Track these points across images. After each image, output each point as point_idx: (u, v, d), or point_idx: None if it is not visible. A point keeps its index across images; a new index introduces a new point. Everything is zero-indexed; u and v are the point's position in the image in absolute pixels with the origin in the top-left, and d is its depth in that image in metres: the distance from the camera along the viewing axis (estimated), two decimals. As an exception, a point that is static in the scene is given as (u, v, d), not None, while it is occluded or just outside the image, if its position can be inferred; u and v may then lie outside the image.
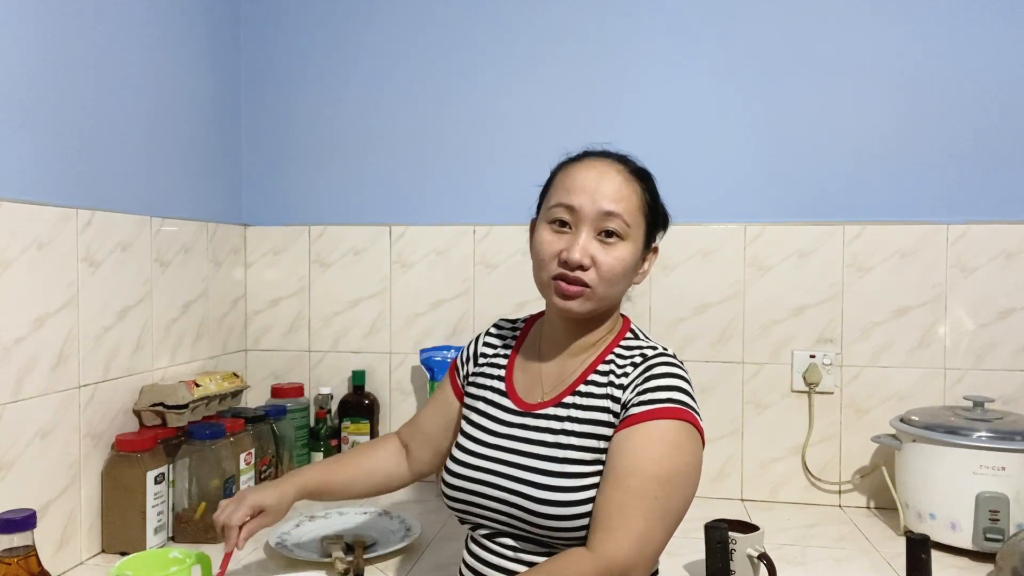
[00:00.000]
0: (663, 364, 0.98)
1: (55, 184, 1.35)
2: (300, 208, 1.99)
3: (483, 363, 1.15)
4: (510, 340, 1.15)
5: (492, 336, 1.18)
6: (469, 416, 1.10)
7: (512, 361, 1.12)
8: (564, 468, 0.97)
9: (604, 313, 1.05)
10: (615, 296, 1.03)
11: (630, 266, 1.01)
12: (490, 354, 1.15)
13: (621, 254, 0.99)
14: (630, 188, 1.00)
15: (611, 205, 0.98)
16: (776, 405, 1.78)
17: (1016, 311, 1.68)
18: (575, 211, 0.99)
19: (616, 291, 1.02)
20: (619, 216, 0.98)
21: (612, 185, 0.99)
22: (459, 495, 1.04)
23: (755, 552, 1.25)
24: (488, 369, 1.13)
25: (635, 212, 1.00)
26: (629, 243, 1.00)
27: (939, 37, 1.70)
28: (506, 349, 1.14)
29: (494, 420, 1.06)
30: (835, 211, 1.75)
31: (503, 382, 1.10)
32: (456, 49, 1.91)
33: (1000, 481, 1.39)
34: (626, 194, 0.99)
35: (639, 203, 1.01)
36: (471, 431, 1.08)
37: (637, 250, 1.01)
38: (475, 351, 1.18)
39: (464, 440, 1.07)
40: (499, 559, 1.01)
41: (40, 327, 1.29)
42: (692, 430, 0.95)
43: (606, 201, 0.98)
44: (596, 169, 1.01)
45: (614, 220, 0.98)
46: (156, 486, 1.44)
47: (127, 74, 1.54)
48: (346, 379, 1.96)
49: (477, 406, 1.10)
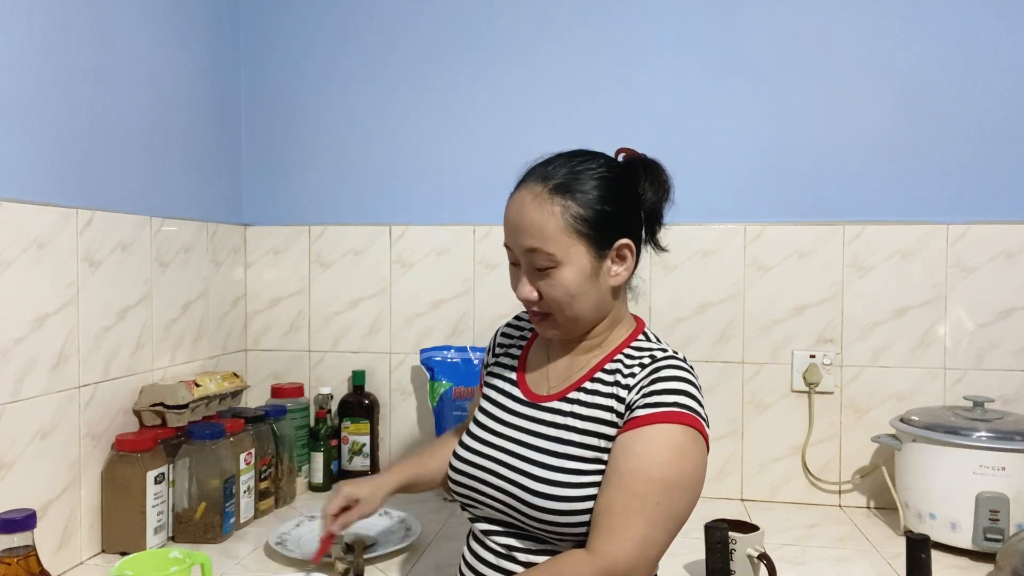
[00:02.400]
0: (671, 367, 0.98)
1: (55, 184, 1.35)
2: (300, 208, 1.99)
3: (500, 353, 1.17)
4: (527, 332, 1.17)
5: (511, 327, 1.20)
6: (482, 404, 1.12)
7: (526, 353, 1.13)
8: (562, 463, 0.97)
9: (591, 322, 1.03)
10: (584, 309, 1.00)
11: (579, 283, 0.97)
12: (507, 344, 1.17)
13: (560, 280, 0.97)
14: (546, 213, 0.96)
15: (529, 241, 0.97)
16: (776, 405, 1.78)
17: (1016, 311, 1.68)
18: (511, 250, 1.02)
19: (582, 306, 0.99)
20: (538, 250, 0.96)
21: (527, 216, 0.97)
22: (463, 480, 1.06)
23: (755, 552, 1.26)
24: (503, 359, 1.15)
25: (558, 236, 0.96)
26: (565, 267, 0.96)
27: (939, 37, 1.70)
28: (521, 341, 1.16)
29: (503, 409, 1.08)
30: (835, 211, 1.75)
31: (515, 372, 1.11)
32: (457, 49, 1.91)
33: (1000, 481, 1.39)
34: (540, 223, 0.96)
35: (561, 225, 0.96)
36: (481, 418, 1.09)
37: (583, 267, 0.97)
38: (493, 343, 1.20)
39: (474, 427, 1.09)
40: (498, 558, 1.01)
41: (40, 327, 1.29)
42: (698, 436, 0.94)
43: (525, 238, 0.97)
44: (517, 200, 1.00)
45: (536, 255, 0.97)
46: (156, 486, 1.44)
47: (127, 74, 1.54)
48: (346, 379, 1.96)
49: (490, 395, 1.12)
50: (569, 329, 1.03)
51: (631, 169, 1.04)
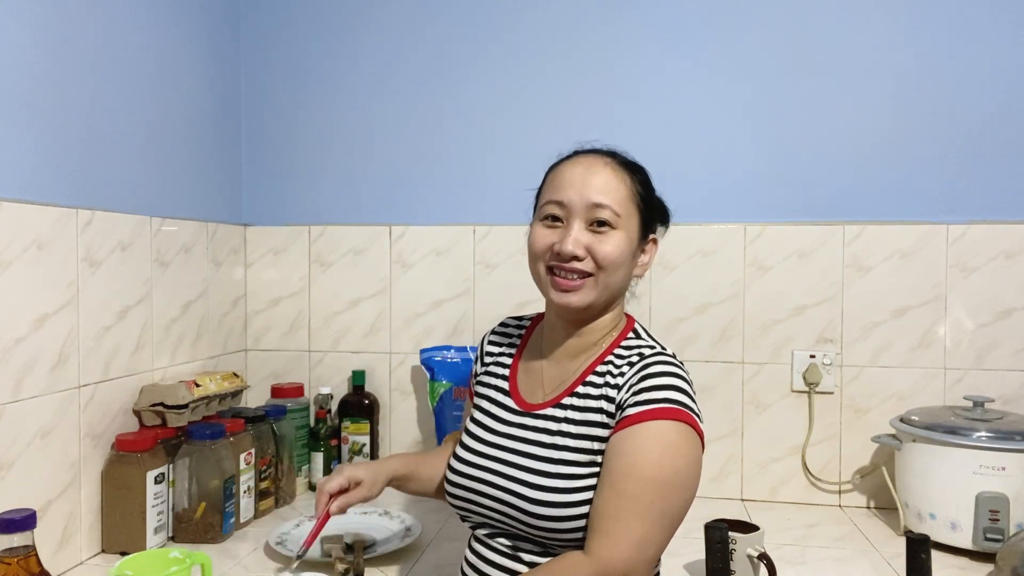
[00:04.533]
0: (660, 363, 0.97)
1: (55, 184, 1.35)
2: (300, 208, 1.99)
3: (489, 362, 1.16)
4: (515, 339, 1.16)
5: (497, 335, 1.19)
6: (475, 415, 1.11)
7: (516, 361, 1.13)
8: (559, 469, 0.97)
9: (604, 308, 1.04)
10: (615, 285, 1.02)
11: (627, 253, 1.01)
12: (496, 352, 1.17)
13: (616, 241, 0.99)
14: (619, 179, 1.01)
15: (599, 196, 0.99)
16: (776, 405, 1.78)
17: (1016, 311, 1.68)
18: (565, 206, 1.01)
19: (616, 280, 1.01)
20: (608, 206, 0.99)
21: (600, 178, 1.00)
22: (459, 492, 1.05)
23: (755, 552, 1.25)
24: (494, 368, 1.14)
25: (625, 202, 1.01)
26: (622, 232, 1.00)
27: (939, 37, 1.70)
28: (511, 348, 1.15)
29: (496, 419, 1.07)
30: (835, 211, 1.75)
31: (507, 381, 1.10)
32: (456, 48, 1.91)
33: (1000, 481, 1.39)
34: (614, 185, 1.00)
35: (628, 193, 1.01)
36: (474, 429, 1.09)
37: (632, 240, 1.02)
38: (481, 351, 1.20)
39: (467, 438, 1.08)
40: (501, 559, 1.02)
41: (40, 327, 1.29)
42: (690, 431, 0.94)
43: (594, 192, 0.99)
44: (583, 164, 1.02)
45: (604, 210, 0.99)
46: (156, 486, 1.44)
47: (127, 74, 1.54)
48: (346, 379, 1.96)
49: (482, 405, 1.11)
50: (597, 298, 1.01)
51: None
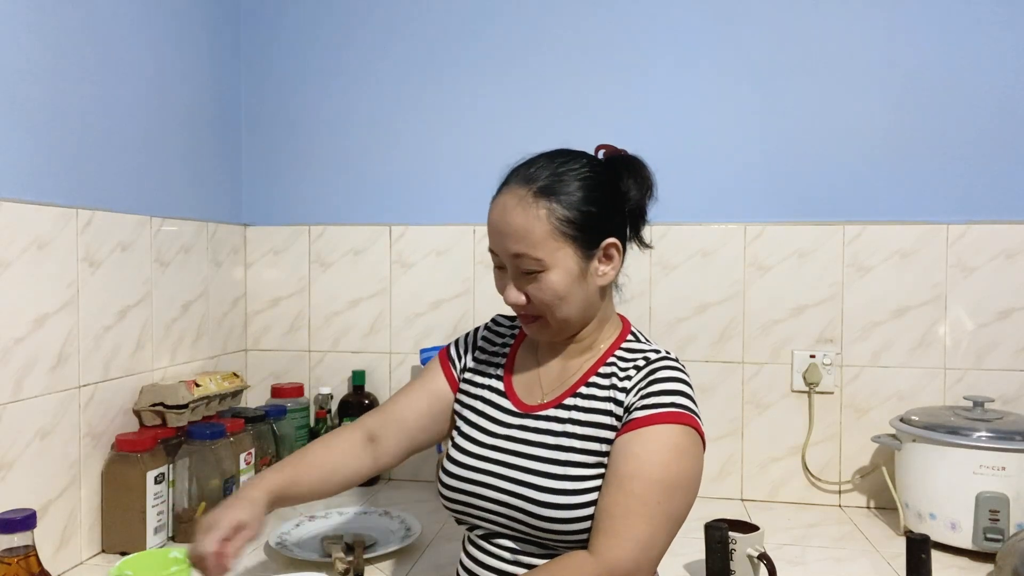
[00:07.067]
0: (666, 368, 0.99)
1: (55, 184, 1.35)
2: (300, 208, 1.99)
3: (482, 358, 1.14)
4: (509, 339, 1.15)
5: (491, 332, 1.17)
6: (466, 415, 1.09)
7: (511, 361, 1.11)
8: (566, 471, 0.97)
9: (581, 322, 1.03)
10: (574, 309, 1.00)
11: (567, 285, 0.97)
12: (489, 350, 1.15)
13: (548, 284, 0.97)
14: (532, 218, 0.95)
15: (515, 246, 0.96)
16: (776, 405, 1.78)
17: (1016, 311, 1.68)
18: (495, 254, 1.01)
19: (571, 307, 0.99)
20: (525, 255, 0.96)
21: (513, 223, 0.96)
22: (457, 496, 1.04)
23: (755, 552, 1.25)
24: (486, 367, 1.12)
25: (545, 240, 0.95)
26: (552, 271, 0.96)
27: (939, 37, 1.70)
28: (504, 348, 1.14)
29: (492, 421, 1.06)
30: (835, 211, 1.75)
31: (501, 382, 1.09)
32: (456, 49, 1.91)
33: (1000, 481, 1.39)
34: (528, 227, 0.95)
35: (548, 229, 0.95)
36: (469, 431, 1.07)
37: (570, 269, 0.97)
38: (474, 342, 1.16)
39: (462, 440, 1.06)
40: (497, 561, 1.01)
41: (40, 327, 1.29)
42: (694, 434, 0.95)
43: (510, 243, 0.96)
44: (500, 204, 0.99)
45: (523, 260, 0.96)
46: (156, 486, 1.44)
47: (127, 74, 1.54)
48: (346, 379, 1.96)
49: (475, 405, 1.09)
50: (559, 330, 1.02)
51: (613, 167, 1.03)
